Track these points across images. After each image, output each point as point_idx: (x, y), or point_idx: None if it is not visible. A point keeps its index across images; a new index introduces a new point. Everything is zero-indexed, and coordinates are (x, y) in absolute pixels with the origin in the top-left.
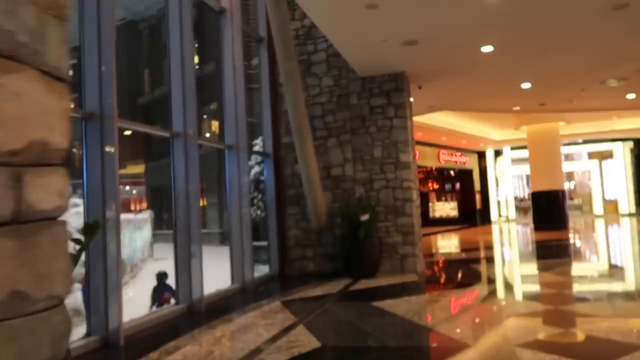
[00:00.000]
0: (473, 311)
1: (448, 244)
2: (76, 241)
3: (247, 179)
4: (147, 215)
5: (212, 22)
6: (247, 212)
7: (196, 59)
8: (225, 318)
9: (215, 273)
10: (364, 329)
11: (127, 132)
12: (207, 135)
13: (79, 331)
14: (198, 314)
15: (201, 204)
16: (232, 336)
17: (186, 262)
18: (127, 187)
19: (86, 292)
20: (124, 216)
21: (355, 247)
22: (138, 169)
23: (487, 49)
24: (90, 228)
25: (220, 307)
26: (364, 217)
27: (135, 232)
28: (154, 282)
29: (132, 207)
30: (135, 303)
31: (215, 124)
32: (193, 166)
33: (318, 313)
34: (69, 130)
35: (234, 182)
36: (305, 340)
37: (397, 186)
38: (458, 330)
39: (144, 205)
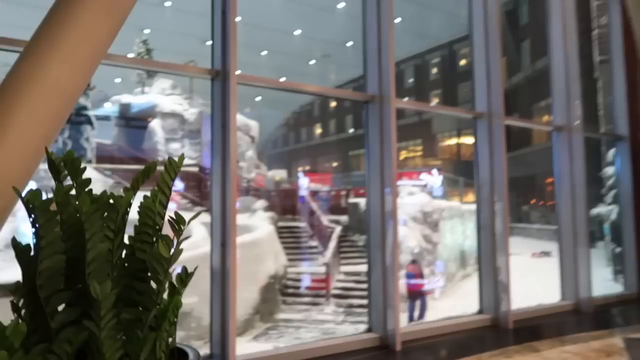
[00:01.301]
0: None
1: None
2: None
3: (581, 167)
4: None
5: None
6: (583, 211)
7: None
8: (531, 346)
9: (548, 282)
10: None
11: None
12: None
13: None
14: (501, 331)
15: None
16: None
17: (490, 267)
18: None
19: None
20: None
21: None
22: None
23: None
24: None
25: (532, 328)
26: None
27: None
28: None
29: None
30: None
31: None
32: (498, 151)
33: None
34: None
35: (563, 171)
36: None
37: None
38: None
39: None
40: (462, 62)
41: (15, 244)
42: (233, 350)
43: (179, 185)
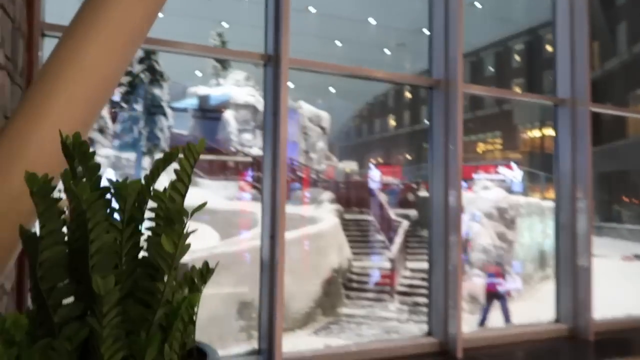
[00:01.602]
0: None
1: None
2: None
3: None
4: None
5: None
6: None
7: None
8: None
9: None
10: None
11: None
12: None
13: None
14: (580, 343)
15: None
16: None
17: (570, 271)
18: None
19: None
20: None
21: None
22: None
23: None
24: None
25: (618, 341)
26: None
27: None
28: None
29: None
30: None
31: None
32: (582, 142)
33: None
34: None
35: None
36: None
37: None
38: None
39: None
40: (549, 48)
41: (22, 231)
42: (279, 347)
43: (247, 175)
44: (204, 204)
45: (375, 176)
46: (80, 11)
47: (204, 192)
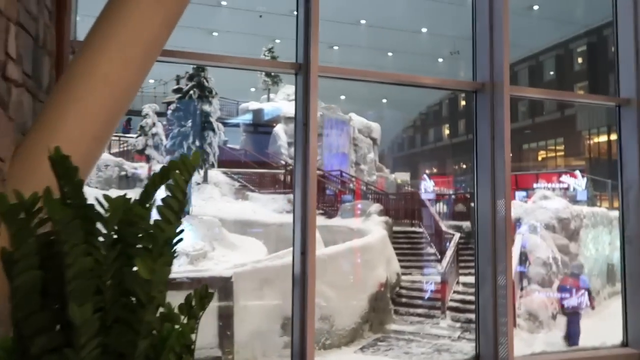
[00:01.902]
0: None
1: None
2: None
3: None
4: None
5: None
6: None
7: None
8: None
9: None
10: None
11: None
12: None
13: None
14: None
15: None
16: None
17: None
18: None
19: None
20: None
21: None
22: None
23: None
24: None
25: None
26: None
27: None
28: None
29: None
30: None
31: None
32: None
33: None
34: None
35: None
36: None
37: None
38: None
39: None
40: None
41: (2, 252)
42: None
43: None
44: (181, 237)
45: (427, 187)
46: (97, 22)
47: (254, 205)
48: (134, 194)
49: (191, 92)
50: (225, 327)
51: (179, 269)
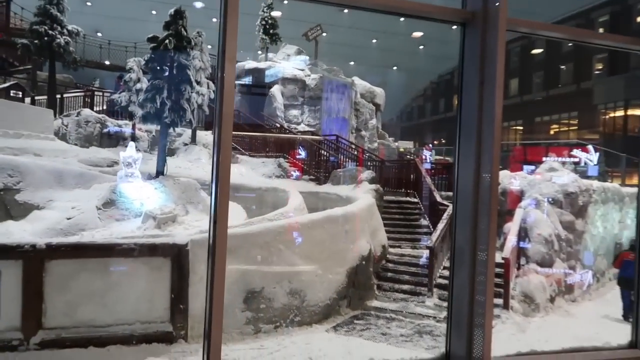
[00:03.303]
0: None
1: None
2: None
3: None
4: None
5: None
6: None
7: None
8: None
9: None
10: None
11: None
12: None
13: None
14: None
15: None
16: None
17: None
18: None
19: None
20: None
21: None
22: None
23: None
24: None
25: None
26: None
27: None
28: None
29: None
30: None
31: None
32: None
33: None
34: None
35: None
36: None
37: None
38: None
39: None
40: None
41: None
42: (217, 349)
43: (301, 153)
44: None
45: (428, 156)
46: None
47: (243, 168)
48: (114, 153)
49: (167, 41)
50: (177, 299)
51: (137, 232)
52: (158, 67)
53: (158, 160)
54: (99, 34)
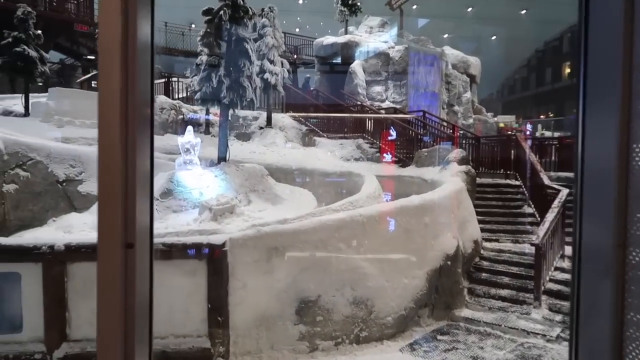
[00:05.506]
0: None
1: None
2: None
3: None
4: None
5: None
6: None
7: None
8: None
9: None
10: None
11: None
12: None
13: None
14: None
15: None
16: None
17: None
18: None
19: None
20: None
21: None
22: None
23: None
24: None
25: None
26: None
27: None
28: None
29: None
30: None
31: None
32: None
33: None
34: None
35: None
36: None
37: None
38: None
39: None
40: None
41: None
42: None
43: (385, 132)
44: None
45: (530, 130)
46: None
47: (320, 151)
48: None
49: (221, 12)
50: (215, 310)
51: (193, 225)
52: (214, 42)
53: (219, 145)
54: (193, 26)
